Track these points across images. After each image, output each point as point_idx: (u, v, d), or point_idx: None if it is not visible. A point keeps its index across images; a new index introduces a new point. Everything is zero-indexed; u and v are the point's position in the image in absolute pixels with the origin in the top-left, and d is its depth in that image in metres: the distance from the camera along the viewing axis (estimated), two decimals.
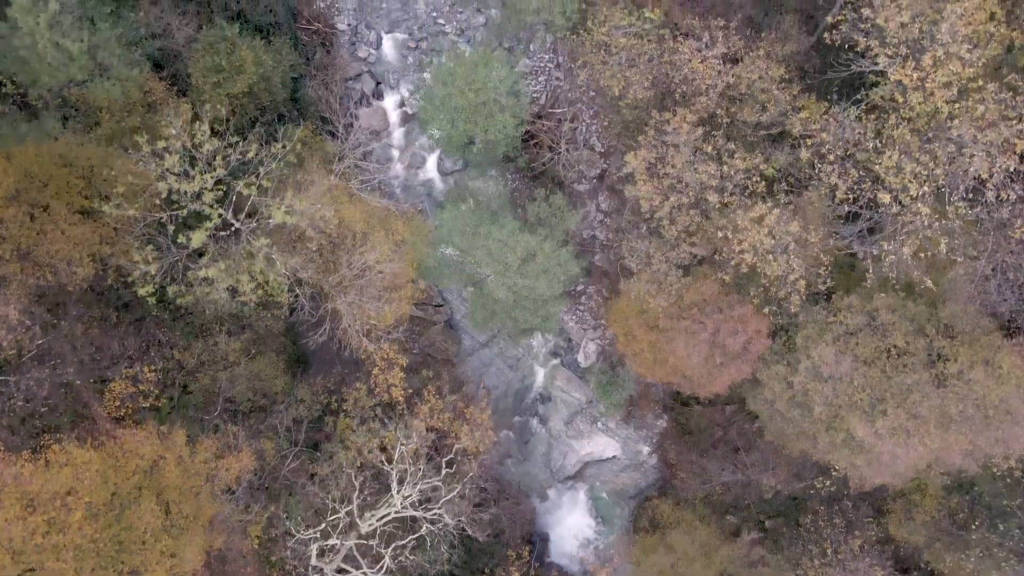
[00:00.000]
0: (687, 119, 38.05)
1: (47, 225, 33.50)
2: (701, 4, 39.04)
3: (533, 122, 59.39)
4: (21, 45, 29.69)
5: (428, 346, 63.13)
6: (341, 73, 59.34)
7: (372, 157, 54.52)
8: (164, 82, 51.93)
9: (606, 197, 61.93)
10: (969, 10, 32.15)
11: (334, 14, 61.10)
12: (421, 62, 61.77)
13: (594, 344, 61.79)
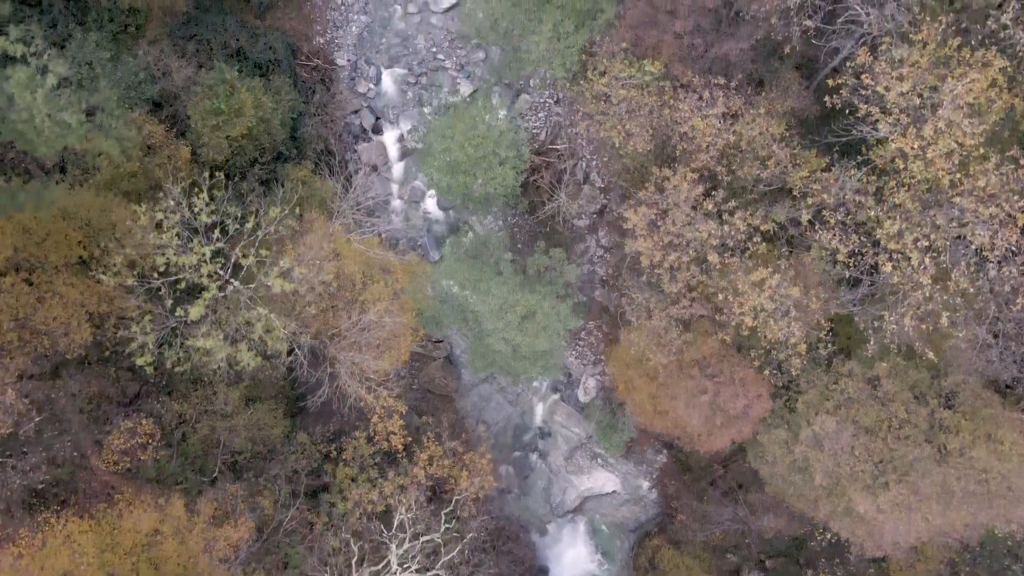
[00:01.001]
0: (687, 177, 37.97)
1: (45, 291, 33.39)
2: (701, 60, 38.90)
3: (533, 159, 59.30)
4: (18, 119, 29.55)
5: (427, 382, 63.02)
6: (341, 111, 59.21)
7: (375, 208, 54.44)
8: (163, 124, 51.87)
9: (606, 232, 61.81)
10: (970, 79, 32.04)
11: (334, 50, 61.00)
12: (421, 98, 61.68)
13: (594, 380, 61.70)
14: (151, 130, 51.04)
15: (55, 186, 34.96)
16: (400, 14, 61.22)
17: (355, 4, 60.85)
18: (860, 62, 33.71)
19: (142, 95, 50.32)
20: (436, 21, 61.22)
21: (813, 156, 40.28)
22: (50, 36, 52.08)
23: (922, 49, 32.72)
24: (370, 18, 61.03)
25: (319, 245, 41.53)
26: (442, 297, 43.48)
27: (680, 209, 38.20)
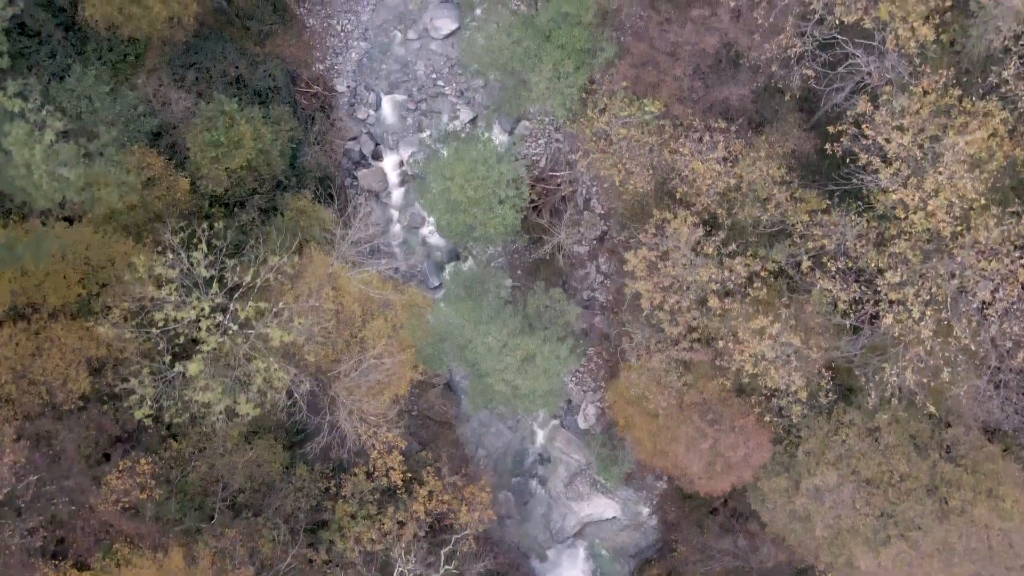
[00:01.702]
0: (687, 221, 37.88)
1: (43, 339, 33.28)
2: (702, 103, 38.78)
3: (533, 185, 59.14)
4: (16, 175, 29.43)
5: (427, 408, 62.90)
6: (340, 139, 59.06)
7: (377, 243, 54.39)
8: (163, 156, 51.74)
9: (607, 259, 61.72)
10: (971, 130, 31.93)
11: (333, 76, 60.86)
12: (420, 124, 61.56)
13: (594, 407, 61.62)
14: (150, 162, 50.91)
15: (53, 236, 34.81)
16: (400, 40, 61.11)
17: (355, 31, 60.72)
18: (861, 110, 33.60)
19: (141, 129, 50.22)
20: (436, 47, 61.12)
21: (814, 196, 40.17)
22: (49, 66, 52.10)
23: (922, 98, 32.61)
24: (370, 44, 60.91)
25: (318, 287, 41.47)
26: (441, 335, 43.37)
27: (680, 252, 38.11)
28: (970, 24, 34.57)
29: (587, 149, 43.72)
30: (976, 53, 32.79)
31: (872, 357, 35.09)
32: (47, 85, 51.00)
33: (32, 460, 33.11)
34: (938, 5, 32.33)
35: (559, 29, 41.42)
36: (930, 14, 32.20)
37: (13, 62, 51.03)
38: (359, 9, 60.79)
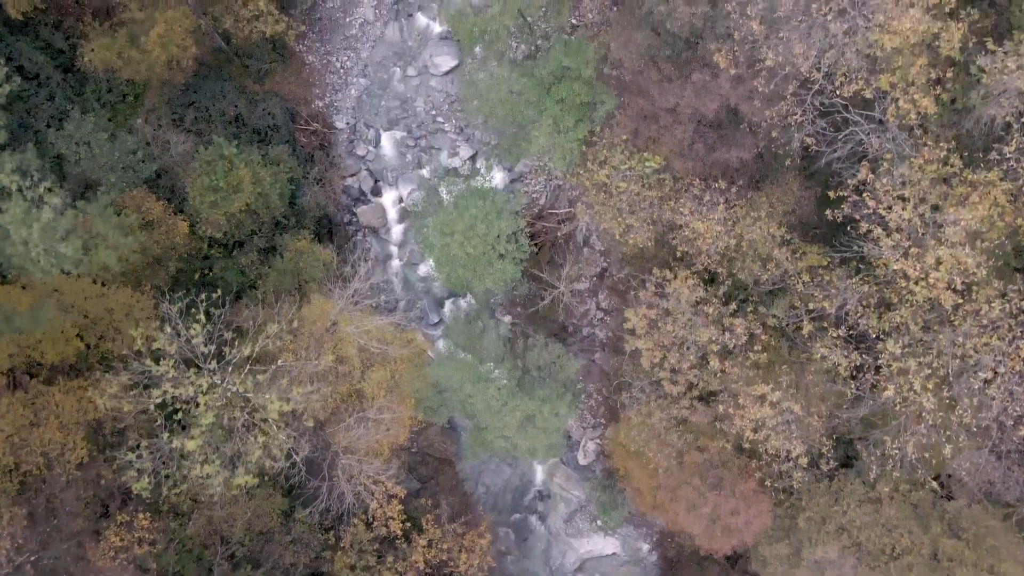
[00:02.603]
0: (687, 282, 37.77)
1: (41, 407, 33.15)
2: (701, 161, 38.64)
3: (533, 223, 59.02)
4: (14, 252, 29.28)
5: (427, 445, 62.79)
6: (340, 178, 58.86)
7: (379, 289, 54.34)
8: (161, 200, 51.59)
9: (606, 296, 61.57)
10: (972, 203, 31.81)
11: (333, 113, 60.69)
12: (420, 160, 61.38)
13: (593, 444, 61.50)
14: (149, 207, 50.83)
15: (51, 304, 34.66)
16: (399, 76, 60.91)
17: (354, 67, 60.54)
18: (862, 178, 33.46)
19: (140, 174, 50.11)
20: (435, 84, 60.93)
21: (815, 252, 40.06)
22: (48, 109, 51.95)
23: (924, 167, 32.48)
24: (369, 81, 60.72)
25: (318, 342, 41.34)
26: (441, 387, 43.25)
27: (680, 312, 38.02)
28: (970, 80, 34.43)
29: (588, 201, 43.59)
30: (977, 129, 32.64)
31: (873, 429, 34.99)
32: (45, 130, 51.06)
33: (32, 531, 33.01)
34: (939, 75, 32.18)
35: (559, 84, 41.28)
36: (930, 84, 32.05)
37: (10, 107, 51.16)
38: (359, 46, 60.60)
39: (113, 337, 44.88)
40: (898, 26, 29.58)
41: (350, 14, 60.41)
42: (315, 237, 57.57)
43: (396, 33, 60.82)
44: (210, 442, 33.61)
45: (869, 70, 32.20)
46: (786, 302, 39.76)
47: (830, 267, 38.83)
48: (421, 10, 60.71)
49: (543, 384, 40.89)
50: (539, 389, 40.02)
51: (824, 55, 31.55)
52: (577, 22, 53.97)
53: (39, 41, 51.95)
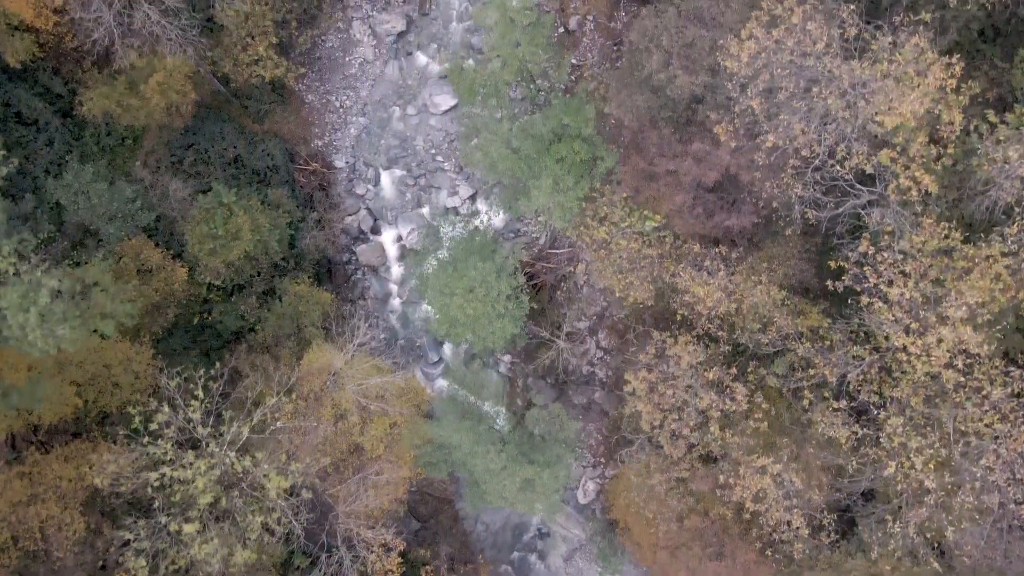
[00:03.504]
0: (688, 348, 37.71)
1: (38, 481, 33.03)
2: (702, 223, 38.55)
3: (533, 264, 58.95)
4: (11, 335, 29.19)
5: (426, 484, 62.76)
6: (339, 219, 58.70)
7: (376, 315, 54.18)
8: (160, 247, 51.49)
9: (606, 335, 61.51)
10: (974, 279, 31.73)
11: (332, 152, 60.56)
12: (420, 199, 61.25)
13: (593, 483, 61.45)
14: (148, 254, 50.74)
15: (48, 380, 34.55)
16: (399, 115, 60.76)
17: (353, 106, 60.40)
18: (863, 250, 33.37)
19: (139, 223, 49.99)
20: (435, 123, 60.81)
21: (815, 312, 39.99)
22: (46, 155, 51.81)
23: (925, 243, 32.39)
24: (368, 120, 60.57)
25: (317, 398, 41.27)
26: (440, 443, 43.20)
27: (681, 376, 37.97)
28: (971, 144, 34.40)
29: (587, 258, 43.47)
30: (979, 213, 32.57)
31: (875, 501, 34.95)
32: (44, 177, 50.94)
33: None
34: (939, 152, 32.09)
35: (559, 142, 41.15)
36: (931, 159, 31.96)
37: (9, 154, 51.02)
38: (358, 85, 60.46)
39: (112, 392, 44.85)
40: (899, 108, 29.50)
41: (349, 53, 60.26)
42: (314, 278, 57.50)
43: (395, 72, 60.69)
44: (208, 521, 33.51)
45: (870, 144, 32.10)
46: (787, 360, 39.72)
47: (831, 328, 38.76)
48: (420, 49, 60.60)
49: (543, 446, 40.82)
50: (539, 453, 39.96)
51: (824, 132, 31.46)
52: (577, 78, 53.95)
53: (38, 87, 51.78)
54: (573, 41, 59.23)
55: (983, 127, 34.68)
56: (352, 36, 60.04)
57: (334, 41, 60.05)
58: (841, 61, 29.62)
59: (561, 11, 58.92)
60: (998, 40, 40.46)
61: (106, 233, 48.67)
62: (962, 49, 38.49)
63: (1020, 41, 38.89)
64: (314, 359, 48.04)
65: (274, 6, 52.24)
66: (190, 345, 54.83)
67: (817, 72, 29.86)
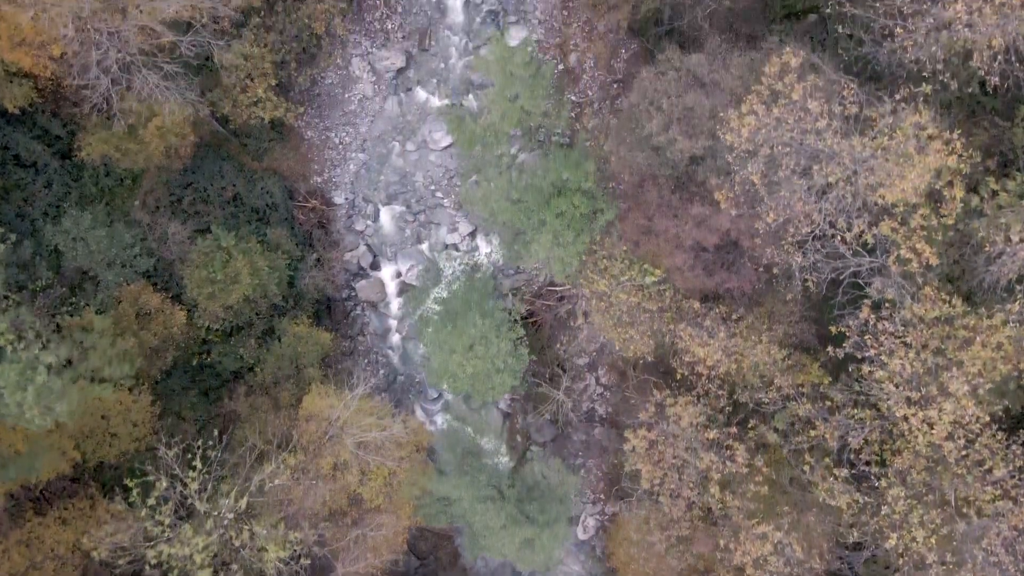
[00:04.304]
0: (688, 409, 37.64)
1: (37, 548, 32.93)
2: (701, 282, 38.43)
3: (533, 302, 58.83)
4: (7, 413, 29.09)
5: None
6: (339, 258, 58.57)
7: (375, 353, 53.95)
8: (159, 291, 51.35)
9: (606, 372, 61.43)
10: (975, 349, 31.65)
11: (331, 189, 60.42)
12: (419, 235, 61.12)
13: (593, 520, 61.40)
14: (146, 299, 50.61)
15: (46, 450, 34.45)
16: (398, 151, 60.61)
17: (353, 142, 60.25)
18: (864, 317, 33.28)
19: (137, 269, 49.88)
20: (434, 159, 60.65)
21: (816, 367, 39.89)
22: (45, 197, 51.67)
23: (926, 313, 32.29)
24: (368, 156, 60.42)
25: (316, 451, 41.16)
26: (439, 496, 43.13)
27: (681, 436, 37.90)
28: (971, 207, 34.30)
29: (587, 310, 43.40)
30: (980, 290, 32.48)
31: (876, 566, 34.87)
32: (43, 220, 50.79)
33: None
34: (940, 223, 31.97)
35: (558, 196, 41.05)
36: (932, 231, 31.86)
37: (7, 197, 50.89)
38: (357, 121, 60.32)
39: (110, 442, 44.75)
40: (899, 185, 29.39)
41: (349, 90, 60.10)
42: (314, 317, 57.43)
43: (395, 107, 60.52)
44: None
45: (871, 215, 31.99)
46: (787, 414, 39.63)
47: (832, 386, 38.65)
48: (420, 85, 60.42)
49: (542, 502, 40.73)
50: (539, 510, 39.88)
51: (825, 204, 31.34)
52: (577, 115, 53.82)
53: (37, 128, 51.60)
54: (573, 78, 59.09)
55: (984, 190, 34.60)
56: (351, 73, 59.87)
57: (333, 78, 59.88)
58: (842, 137, 29.48)
59: (561, 49, 58.78)
60: (998, 93, 40.37)
61: (105, 280, 48.56)
62: (962, 103, 38.37)
63: (1020, 95, 38.76)
64: (313, 406, 47.97)
65: (273, 48, 52.11)
66: (189, 385, 54.81)
67: (818, 150, 29.74)
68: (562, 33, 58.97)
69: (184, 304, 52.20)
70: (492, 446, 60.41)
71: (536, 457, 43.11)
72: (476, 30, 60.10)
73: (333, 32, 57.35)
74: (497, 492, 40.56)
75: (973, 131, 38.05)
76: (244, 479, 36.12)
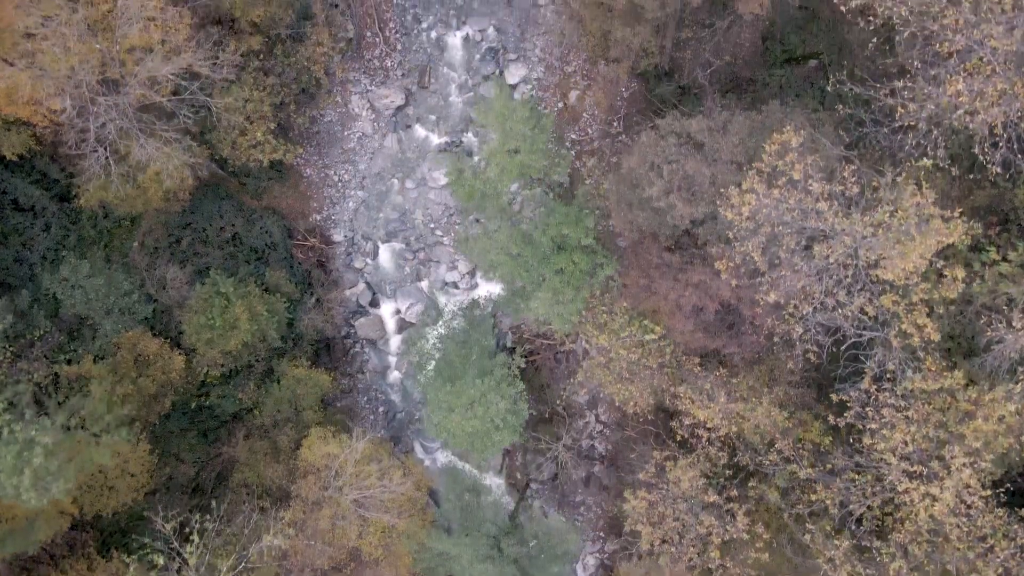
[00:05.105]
0: (688, 473, 37.49)
1: None
2: (701, 344, 38.29)
3: (533, 340, 58.69)
4: (3, 495, 28.92)
5: None
6: (340, 305, 58.34)
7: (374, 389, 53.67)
8: (157, 337, 51.16)
9: (605, 409, 61.32)
10: (977, 422, 31.51)
11: (330, 227, 60.25)
12: (419, 273, 60.96)
13: (593, 558, 61.32)
14: (145, 345, 50.44)
15: (43, 522, 34.30)
16: (398, 188, 60.45)
17: (352, 180, 60.07)
18: (865, 387, 33.12)
19: (136, 317, 49.71)
20: (434, 196, 60.47)
21: (817, 427, 39.71)
22: (44, 240, 51.50)
23: (928, 386, 32.13)
24: (367, 193, 60.25)
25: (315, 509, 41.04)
26: (438, 550, 43.03)
27: (682, 499, 37.77)
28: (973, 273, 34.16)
29: (586, 365, 43.27)
30: (983, 372, 32.32)
31: None
32: (41, 264, 50.62)
33: None
34: (940, 295, 31.78)
35: (558, 254, 40.87)
36: (934, 304, 31.71)
37: (6, 241, 50.70)
38: (356, 159, 60.14)
39: (108, 495, 44.64)
40: (900, 264, 29.23)
41: (348, 128, 59.91)
42: (313, 356, 57.31)
43: (394, 144, 60.34)
44: None
45: (872, 288, 31.81)
46: (787, 472, 39.47)
47: (833, 446, 38.49)
48: (419, 122, 60.23)
49: (541, 561, 40.60)
50: (538, 572, 39.73)
51: (825, 281, 31.17)
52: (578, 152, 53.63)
53: (35, 173, 51.42)
54: (573, 116, 58.91)
55: (986, 257, 34.45)
56: (351, 111, 59.69)
57: (332, 116, 59.68)
58: (843, 216, 29.31)
59: (560, 88, 58.58)
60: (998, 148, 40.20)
61: (103, 328, 48.43)
62: (961, 161, 38.18)
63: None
64: (312, 455, 47.86)
65: (272, 91, 51.86)
66: (187, 426, 54.72)
67: (818, 229, 29.57)
68: (562, 71, 58.76)
69: (183, 348, 52.04)
70: (492, 483, 60.35)
71: (536, 496, 42.87)
72: (476, 67, 59.91)
73: (332, 72, 57.21)
74: (496, 550, 40.43)
75: (973, 190, 37.86)
76: (242, 547, 36.04)
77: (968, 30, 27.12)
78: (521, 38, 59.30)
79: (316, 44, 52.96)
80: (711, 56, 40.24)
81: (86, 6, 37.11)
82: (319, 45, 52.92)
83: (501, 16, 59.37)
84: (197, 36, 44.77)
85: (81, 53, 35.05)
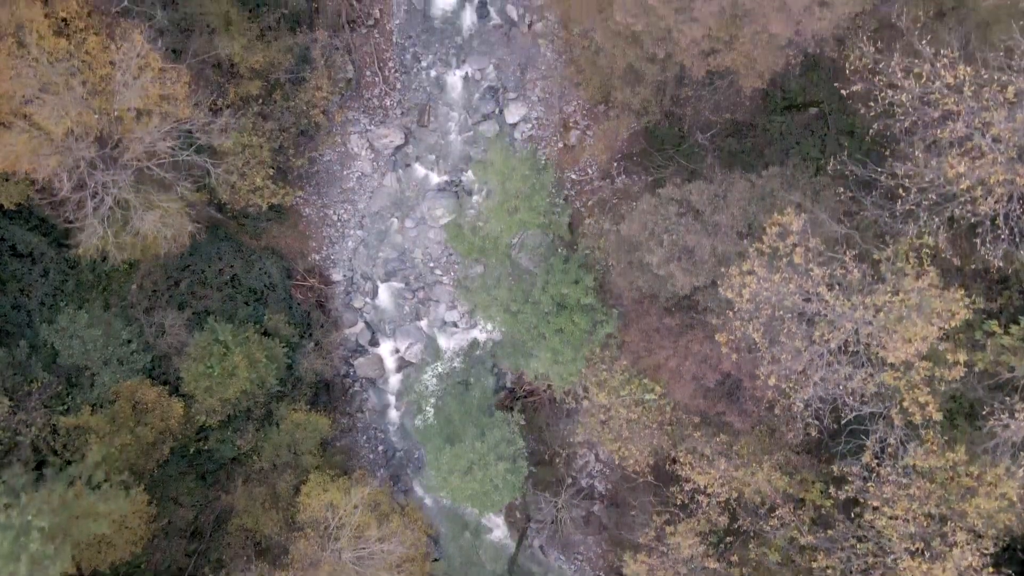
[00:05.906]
0: (688, 537, 37.37)
1: None
2: (700, 408, 38.16)
3: (532, 382, 58.59)
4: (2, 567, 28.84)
5: None
6: (339, 347, 58.19)
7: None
8: (156, 384, 50.98)
9: (605, 449, 61.21)
10: (979, 497, 31.40)
11: (329, 266, 60.08)
12: (418, 312, 60.81)
13: None
14: (143, 393, 50.29)
15: None
16: (397, 227, 60.25)
17: (351, 219, 59.87)
18: (866, 462, 32.99)
19: (134, 366, 49.56)
20: (433, 235, 60.26)
21: (818, 489, 39.58)
22: (41, 286, 51.38)
23: (930, 464, 32.00)
24: (366, 232, 60.07)
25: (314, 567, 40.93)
26: None
27: (682, 564, 37.67)
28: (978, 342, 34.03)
29: (585, 422, 43.16)
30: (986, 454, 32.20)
31: None
32: (39, 310, 50.51)
33: None
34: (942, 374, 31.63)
35: (558, 314, 40.71)
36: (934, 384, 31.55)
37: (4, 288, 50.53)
38: (356, 198, 59.94)
39: (105, 551, 44.52)
40: (902, 348, 29.08)
41: (347, 167, 59.71)
42: (312, 398, 57.18)
43: (394, 183, 60.13)
44: None
45: (872, 365, 31.68)
46: (787, 533, 39.37)
47: (835, 507, 38.37)
48: (419, 161, 60.00)
49: None
50: None
51: (826, 355, 31.02)
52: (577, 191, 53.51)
53: (33, 219, 51.26)
54: (573, 157, 58.71)
55: (988, 326, 34.29)
56: (350, 150, 59.46)
57: (331, 156, 59.46)
58: (844, 299, 29.15)
59: (560, 127, 58.39)
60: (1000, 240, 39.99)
61: (101, 378, 48.31)
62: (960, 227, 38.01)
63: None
64: (311, 505, 47.78)
65: (271, 136, 51.68)
66: (186, 469, 54.62)
67: (819, 313, 29.42)
68: (562, 110, 58.54)
69: (181, 395, 51.89)
70: (492, 522, 60.30)
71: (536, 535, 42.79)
72: (475, 106, 59.68)
73: (331, 114, 57.02)
74: None
75: (973, 252, 37.69)
76: None
77: (969, 117, 26.93)
78: (521, 77, 59.04)
79: (315, 88, 52.78)
80: (711, 114, 40.09)
81: (84, 70, 36.94)
82: (318, 89, 52.73)
83: (501, 55, 59.09)
84: (196, 90, 44.61)
85: (80, 120, 34.89)
